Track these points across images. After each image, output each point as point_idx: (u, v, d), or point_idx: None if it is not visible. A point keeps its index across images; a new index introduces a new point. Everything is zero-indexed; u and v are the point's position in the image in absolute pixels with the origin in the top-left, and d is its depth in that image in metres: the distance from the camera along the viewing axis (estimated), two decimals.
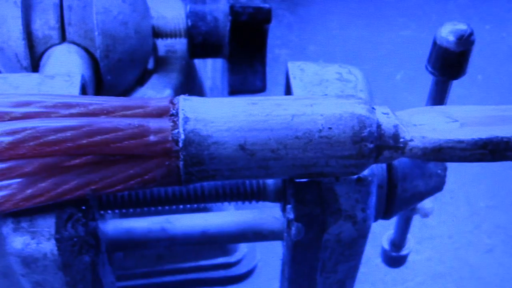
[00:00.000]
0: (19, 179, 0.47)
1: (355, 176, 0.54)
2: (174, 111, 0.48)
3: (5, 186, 0.47)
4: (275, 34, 1.96)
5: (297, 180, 0.54)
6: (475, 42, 0.57)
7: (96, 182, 0.47)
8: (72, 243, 0.51)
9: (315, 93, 0.57)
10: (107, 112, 0.47)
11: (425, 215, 0.80)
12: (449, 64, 0.58)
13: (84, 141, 0.45)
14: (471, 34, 0.56)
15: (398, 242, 0.88)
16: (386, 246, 0.89)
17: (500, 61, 1.97)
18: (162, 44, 0.94)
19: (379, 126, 0.49)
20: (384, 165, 0.60)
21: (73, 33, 0.77)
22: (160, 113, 0.48)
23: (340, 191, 0.54)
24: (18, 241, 0.51)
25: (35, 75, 0.59)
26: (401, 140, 0.49)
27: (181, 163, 0.47)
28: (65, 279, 0.54)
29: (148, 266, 1.21)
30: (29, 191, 0.47)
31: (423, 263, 1.46)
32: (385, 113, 0.50)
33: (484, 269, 1.46)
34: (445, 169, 0.64)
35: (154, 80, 0.91)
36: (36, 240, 0.51)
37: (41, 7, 0.77)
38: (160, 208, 0.61)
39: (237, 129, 0.47)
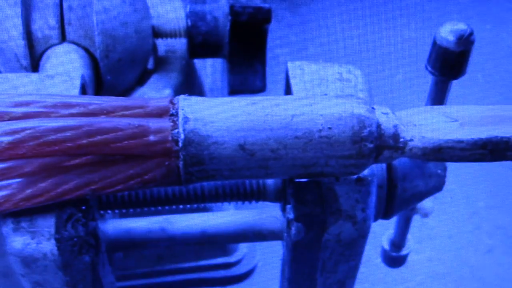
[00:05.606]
0: (19, 179, 0.47)
1: (355, 176, 0.54)
2: (174, 111, 0.48)
3: (5, 186, 0.47)
4: (275, 33, 1.96)
5: (297, 180, 0.54)
6: (475, 42, 0.57)
7: (96, 182, 0.47)
8: (72, 243, 0.51)
9: (315, 93, 0.57)
10: (107, 112, 0.47)
11: (425, 215, 0.80)
12: (449, 64, 0.58)
13: (84, 141, 0.45)
14: (471, 34, 0.56)
15: (398, 242, 0.88)
16: (386, 246, 0.89)
17: (500, 61, 1.97)
18: (162, 44, 0.94)
19: (379, 126, 0.49)
20: (384, 165, 0.60)
21: (73, 33, 0.77)
22: (160, 113, 0.48)
23: (340, 191, 0.54)
24: (18, 241, 0.51)
25: (35, 75, 0.59)
26: (401, 140, 0.49)
27: (181, 163, 0.47)
28: (65, 279, 0.54)
29: (148, 266, 1.21)
30: (29, 191, 0.47)
31: (423, 263, 1.46)
32: (385, 113, 0.50)
33: (484, 269, 1.46)
34: (445, 169, 0.64)
35: (154, 80, 0.91)
36: (36, 240, 0.51)
37: (41, 7, 0.77)
38: (160, 208, 0.61)
39: (237, 129, 0.47)
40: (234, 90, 0.92)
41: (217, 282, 1.28)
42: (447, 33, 0.56)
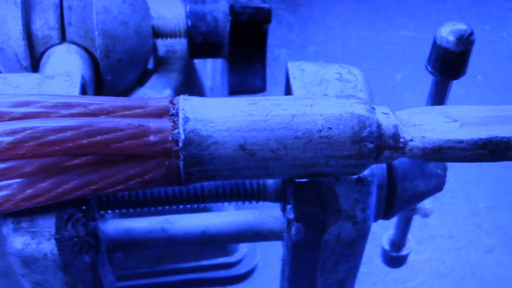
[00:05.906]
0: (19, 179, 0.47)
1: (355, 176, 0.54)
2: (174, 111, 0.48)
3: (5, 186, 0.47)
4: (275, 34, 1.96)
5: (297, 180, 0.54)
6: (475, 42, 0.57)
7: (96, 182, 0.47)
8: (72, 243, 0.51)
9: (315, 93, 0.57)
10: (107, 112, 0.47)
11: (425, 215, 0.80)
12: (449, 64, 0.58)
13: (84, 141, 0.45)
14: (471, 34, 0.56)
15: (398, 242, 0.88)
16: (386, 246, 0.89)
17: (500, 61, 1.97)
18: (162, 44, 0.94)
19: (379, 126, 0.49)
20: (384, 165, 0.60)
21: (73, 33, 0.77)
22: (160, 113, 0.48)
23: (340, 191, 0.54)
24: (18, 241, 0.51)
25: (35, 75, 0.59)
26: (401, 140, 0.49)
27: (181, 163, 0.47)
28: (65, 279, 0.54)
29: (148, 266, 1.21)
30: (29, 191, 0.47)
31: (423, 263, 1.46)
32: (385, 113, 0.50)
33: (484, 269, 1.46)
34: (445, 169, 0.64)
35: (154, 80, 0.91)
36: (36, 240, 0.51)
37: (41, 7, 0.77)
38: (160, 208, 0.61)
39: (237, 129, 0.47)
40: (234, 90, 0.92)
41: (217, 282, 1.28)
42: (447, 33, 0.56)
